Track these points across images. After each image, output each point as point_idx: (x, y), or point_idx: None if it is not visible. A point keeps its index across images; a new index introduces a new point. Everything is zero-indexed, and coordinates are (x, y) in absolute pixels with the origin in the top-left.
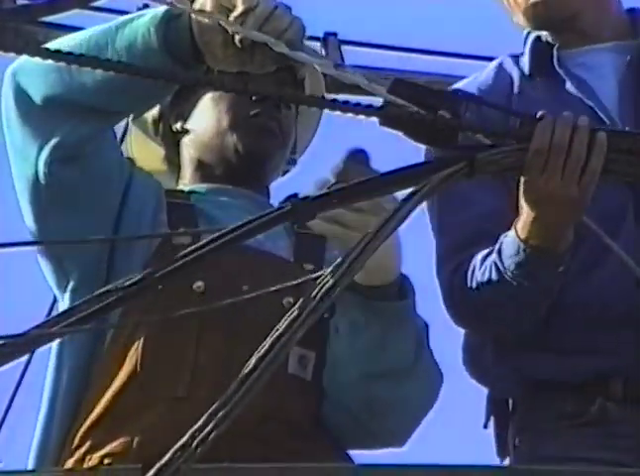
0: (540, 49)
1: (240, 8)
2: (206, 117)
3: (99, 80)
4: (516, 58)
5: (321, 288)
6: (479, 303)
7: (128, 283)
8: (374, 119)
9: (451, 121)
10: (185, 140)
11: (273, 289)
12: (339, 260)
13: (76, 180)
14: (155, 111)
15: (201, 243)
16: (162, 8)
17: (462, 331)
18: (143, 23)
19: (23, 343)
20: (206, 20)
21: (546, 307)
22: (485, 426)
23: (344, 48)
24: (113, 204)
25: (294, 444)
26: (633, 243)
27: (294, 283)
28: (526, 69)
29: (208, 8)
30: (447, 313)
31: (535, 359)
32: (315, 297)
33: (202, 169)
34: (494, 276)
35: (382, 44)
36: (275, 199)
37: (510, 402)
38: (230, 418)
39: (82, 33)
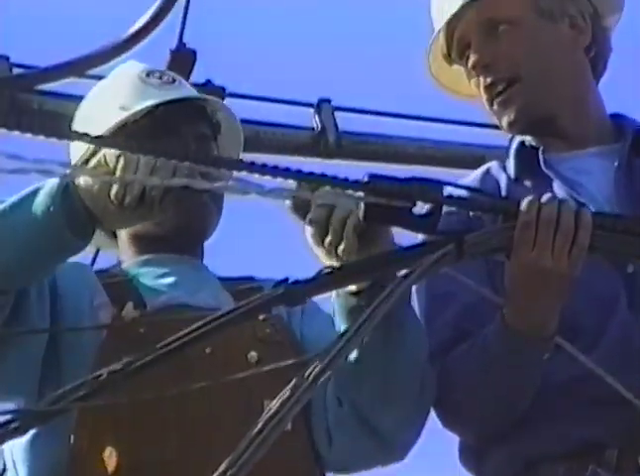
0: (525, 152)
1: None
2: None
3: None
4: (503, 163)
5: (314, 368)
6: (463, 404)
7: (111, 369)
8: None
9: (435, 198)
10: None
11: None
12: (334, 339)
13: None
14: None
15: (188, 330)
16: (51, 182)
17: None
18: (40, 201)
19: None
20: (93, 191)
21: (531, 396)
22: None
23: (338, 114)
24: (45, 318)
25: None
26: (627, 328)
27: (292, 362)
28: (512, 174)
29: (92, 183)
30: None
31: (530, 439)
32: (308, 377)
33: (137, 243)
34: (479, 368)
35: (378, 110)
36: None
37: None
38: None
39: None
